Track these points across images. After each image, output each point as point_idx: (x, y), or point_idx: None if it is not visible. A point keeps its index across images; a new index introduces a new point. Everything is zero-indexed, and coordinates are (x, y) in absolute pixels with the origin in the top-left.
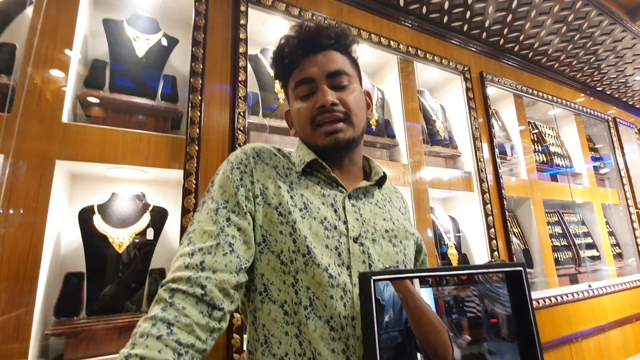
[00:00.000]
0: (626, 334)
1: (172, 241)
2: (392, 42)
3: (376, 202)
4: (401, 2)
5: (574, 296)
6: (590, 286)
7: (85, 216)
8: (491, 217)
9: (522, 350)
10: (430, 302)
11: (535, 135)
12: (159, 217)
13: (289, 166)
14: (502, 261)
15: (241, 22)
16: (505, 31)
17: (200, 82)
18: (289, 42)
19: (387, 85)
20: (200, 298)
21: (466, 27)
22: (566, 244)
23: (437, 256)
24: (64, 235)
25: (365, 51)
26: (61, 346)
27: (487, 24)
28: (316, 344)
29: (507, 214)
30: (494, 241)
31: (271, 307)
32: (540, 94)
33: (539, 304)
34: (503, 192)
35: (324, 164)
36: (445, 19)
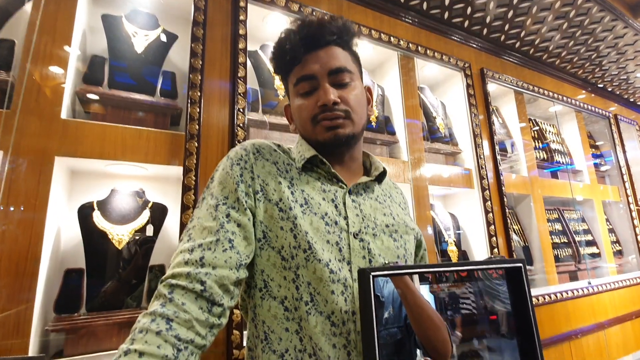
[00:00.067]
0: (626, 331)
1: (171, 237)
2: (392, 39)
3: (376, 198)
4: None
5: (573, 293)
6: (590, 283)
7: (85, 212)
8: (491, 214)
9: (522, 346)
10: (430, 298)
11: (535, 132)
12: (158, 213)
13: (289, 162)
14: (501, 257)
15: (240, 17)
16: (506, 27)
17: (200, 78)
18: (290, 36)
19: (387, 81)
20: (199, 294)
21: (467, 24)
22: (566, 241)
23: (437, 253)
24: (63, 231)
25: (366, 47)
26: (61, 342)
27: (488, 20)
28: (317, 339)
29: (507, 211)
30: (494, 238)
31: (271, 303)
32: (541, 90)
33: (538, 300)
34: (503, 189)
35: (324, 159)
36: (446, 15)
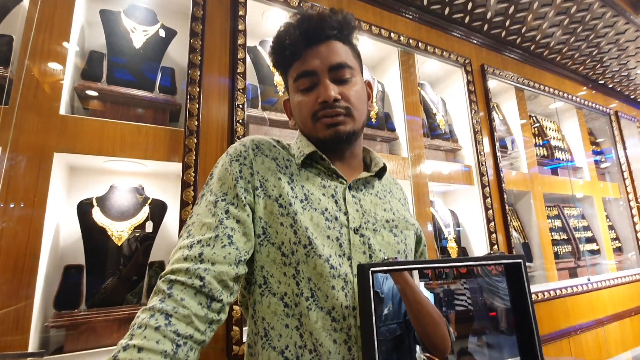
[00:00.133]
0: (624, 328)
1: (171, 234)
2: (392, 34)
3: (376, 193)
4: None
5: (573, 290)
6: (589, 280)
7: (84, 209)
8: (491, 211)
9: (521, 343)
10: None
11: (536, 129)
12: (158, 209)
13: (288, 158)
14: (501, 253)
15: (240, 13)
16: (507, 23)
17: (199, 74)
18: (289, 31)
19: (388, 78)
20: (198, 289)
21: (467, 19)
22: (566, 237)
23: (436, 250)
24: (62, 227)
25: (366, 43)
26: (61, 338)
27: (488, 15)
28: (318, 335)
29: (507, 207)
30: (494, 235)
31: (271, 299)
32: (542, 87)
33: (537, 297)
34: (503, 186)
35: (323, 155)
36: (447, 10)
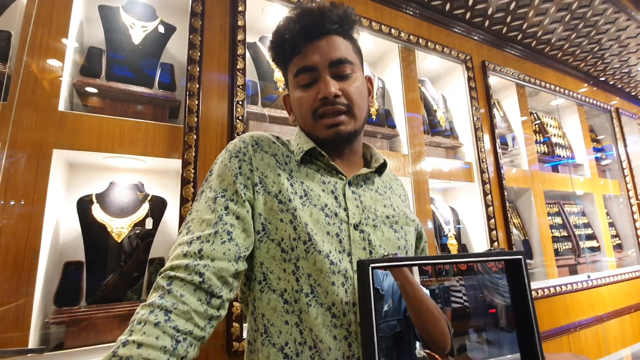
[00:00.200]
0: (624, 325)
1: (171, 230)
2: (393, 30)
3: (376, 189)
4: None
5: (572, 287)
6: (589, 277)
7: (84, 205)
8: (491, 208)
9: (521, 339)
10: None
11: (537, 126)
12: (158, 206)
13: (288, 154)
14: (501, 249)
15: (239, 8)
16: (509, 19)
17: (198, 70)
18: (289, 25)
19: (388, 74)
20: (198, 285)
21: (468, 15)
22: (566, 234)
23: (436, 247)
24: (62, 224)
25: (366, 39)
26: (62, 334)
27: (489, 11)
28: (318, 331)
29: (507, 205)
30: (494, 232)
31: (270, 296)
32: (543, 83)
33: (537, 294)
34: (504, 183)
35: (322, 152)
36: (448, 6)
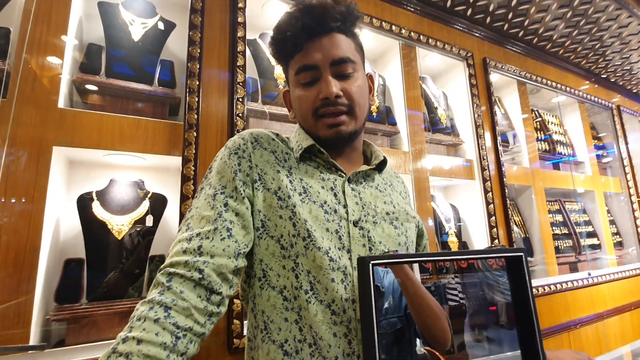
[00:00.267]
0: (624, 322)
1: (171, 228)
2: (394, 27)
3: (376, 186)
4: None
5: (573, 284)
6: (589, 274)
7: (84, 203)
8: (492, 206)
9: (522, 336)
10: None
11: (538, 124)
12: (158, 203)
13: (287, 151)
14: (502, 246)
15: (239, 5)
16: (510, 16)
17: (198, 67)
18: (291, 22)
19: (389, 71)
20: (198, 282)
21: (470, 12)
22: (567, 232)
23: (437, 244)
24: (63, 221)
25: (367, 36)
26: (63, 331)
27: (491, 8)
28: (317, 328)
29: (508, 202)
30: (495, 229)
31: (270, 293)
32: (544, 81)
33: (538, 291)
34: (504, 181)
35: (321, 149)
36: (449, 3)
